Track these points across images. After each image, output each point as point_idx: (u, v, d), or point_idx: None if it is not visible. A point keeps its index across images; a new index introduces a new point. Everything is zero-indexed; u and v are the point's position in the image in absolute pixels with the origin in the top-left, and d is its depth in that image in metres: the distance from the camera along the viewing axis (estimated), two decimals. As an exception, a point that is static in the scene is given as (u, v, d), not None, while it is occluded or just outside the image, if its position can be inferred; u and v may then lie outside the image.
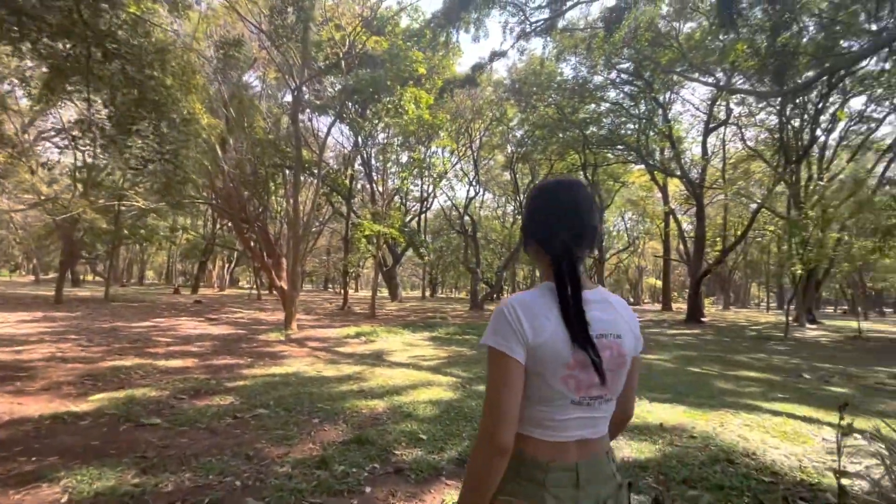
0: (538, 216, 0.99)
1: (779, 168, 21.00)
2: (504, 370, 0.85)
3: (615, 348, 0.91)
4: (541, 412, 0.89)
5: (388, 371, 6.21)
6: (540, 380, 0.87)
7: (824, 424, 4.25)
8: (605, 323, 0.92)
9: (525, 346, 0.86)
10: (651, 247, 50.24)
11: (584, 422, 0.91)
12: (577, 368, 0.86)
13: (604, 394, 0.91)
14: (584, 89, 22.91)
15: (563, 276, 0.90)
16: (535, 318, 0.87)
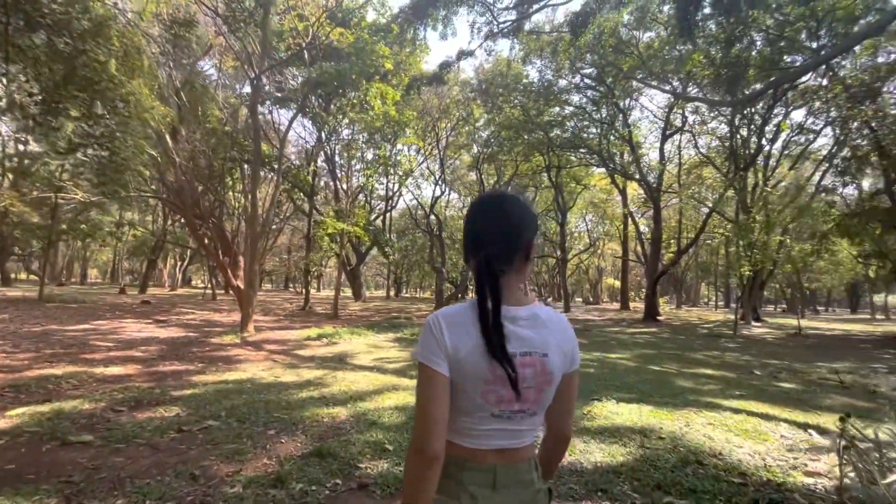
0: (468, 230, 1.00)
1: (729, 174, 22.15)
2: (430, 383, 0.88)
3: (538, 366, 0.92)
4: (464, 422, 0.93)
5: (352, 375, 5.94)
6: (462, 392, 0.90)
7: (781, 421, 4.39)
8: (530, 340, 0.92)
9: (448, 359, 0.89)
10: (610, 248, 52.00)
11: (506, 433, 0.94)
12: (496, 383, 0.89)
13: (526, 408, 0.93)
14: (549, 92, 23.28)
15: (483, 291, 0.90)
16: (457, 333, 0.90)
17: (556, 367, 0.94)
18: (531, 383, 0.91)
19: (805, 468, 3.08)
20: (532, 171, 31.66)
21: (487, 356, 0.87)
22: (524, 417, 0.94)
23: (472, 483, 0.92)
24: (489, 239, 0.95)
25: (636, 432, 3.76)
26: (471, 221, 1.00)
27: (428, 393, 0.88)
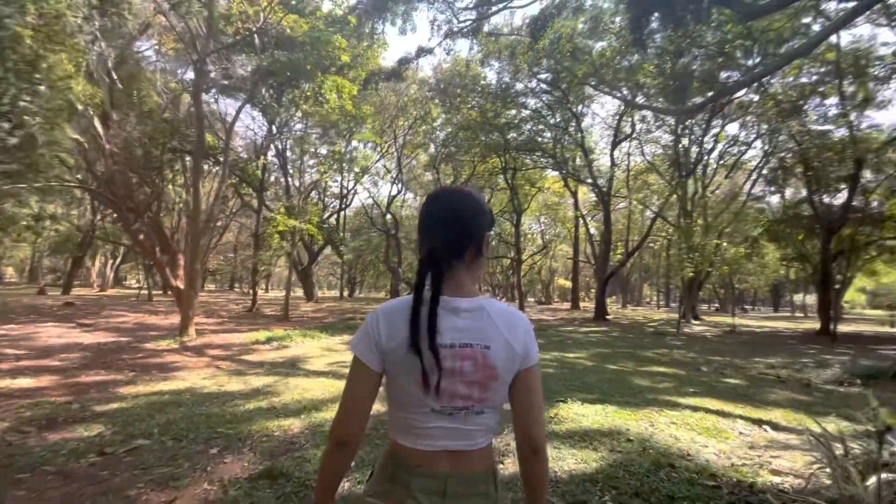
0: (420, 223, 0.98)
1: (672, 181, 23.44)
2: (355, 373, 0.90)
3: (479, 358, 0.88)
4: (405, 418, 0.91)
5: (305, 381, 5.54)
6: (397, 384, 0.90)
7: (736, 418, 4.51)
8: (470, 332, 0.89)
9: (379, 352, 0.89)
10: (561, 249, 53.62)
11: (451, 432, 0.90)
12: (428, 377, 0.86)
13: (469, 405, 0.89)
14: (507, 95, 23.54)
15: (422, 281, 0.88)
16: (392, 324, 0.89)
17: (500, 360, 0.89)
18: (472, 377, 0.88)
19: (769, 466, 3.12)
20: (488, 172, 32.00)
21: (413, 346, 0.85)
22: (469, 415, 0.90)
23: (420, 490, 0.88)
24: (439, 231, 0.94)
25: (604, 435, 3.69)
26: (423, 214, 0.98)
27: (351, 381, 0.90)
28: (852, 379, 7.19)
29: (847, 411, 4.90)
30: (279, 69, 14.43)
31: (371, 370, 0.89)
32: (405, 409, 0.91)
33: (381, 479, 0.92)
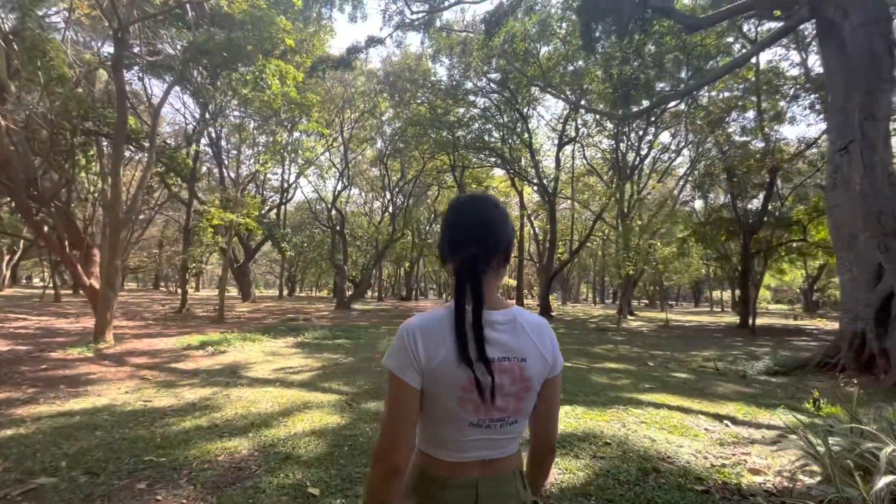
0: (446, 232, 0.96)
1: (612, 184, 24.61)
2: (398, 394, 0.86)
3: (517, 371, 0.88)
4: (441, 433, 0.89)
5: (250, 392, 4.96)
6: (436, 402, 0.87)
7: (697, 413, 4.60)
8: (508, 345, 0.89)
9: (420, 370, 0.86)
10: (506, 248, 54.73)
11: (486, 443, 0.90)
12: (473, 391, 0.85)
13: (506, 416, 0.90)
14: (457, 92, 23.46)
15: (463, 293, 0.87)
16: (431, 340, 0.86)
17: (535, 372, 0.91)
18: (509, 390, 0.88)
19: (746, 465, 3.13)
20: (437, 169, 31.84)
21: (460, 359, 0.84)
22: (504, 426, 0.90)
23: (461, 492, 0.88)
24: (469, 239, 0.92)
25: (581, 439, 3.56)
26: (449, 222, 0.96)
27: (395, 403, 0.86)
28: (781, 369, 7.76)
29: (793, 402, 5.20)
30: (214, 48, 13.22)
31: (415, 389, 0.86)
32: (442, 424, 0.89)
33: (410, 495, 0.91)
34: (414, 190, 32.01)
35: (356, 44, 16.80)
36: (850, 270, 7.66)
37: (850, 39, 8.28)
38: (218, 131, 23.34)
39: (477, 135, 25.62)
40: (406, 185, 31.44)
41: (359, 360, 7.39)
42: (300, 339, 10.11)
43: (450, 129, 25.48)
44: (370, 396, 4.84)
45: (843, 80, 8.35)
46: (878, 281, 7.11)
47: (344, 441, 3.41)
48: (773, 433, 4.01)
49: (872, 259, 7.26)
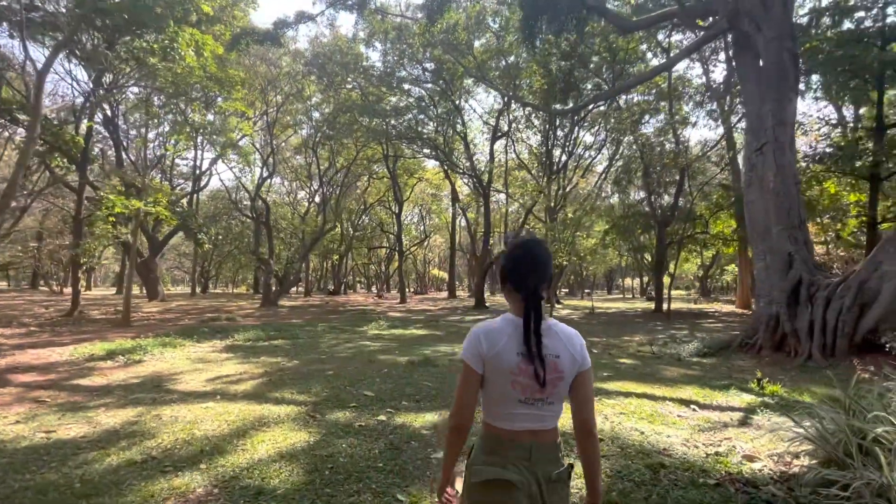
0: (513, 264, 1.29)
1: (542, 179, 25.55)
2: (467, 374, 1.23)
3: (552, 364, 1.20)
4: (499, 409, 1.24)
5: (186, 410, 4.20)
6: (494, 384, 1.22)
7: (663, 400, 4.73)
8: (547, 346, 1.21)
9: (482, 360, 1.21)
10: (435, 240, 54.99)
11: (531, 417, 1.22)
12: (520, 376, 1.19)
13: (545, 397, 1.22)
14: (391, 79, 22.74)
15: (530, 311, 1.21)
16: (492, 339, 1.22)
17: (565, 366, 1.22)
18: (548, 378, 1.19)
19: (737, 451, 3.19)
20: (367, 159, 30.79)
21: (514, 356, 1.19)
22: (544, 405, 1.22)
23: (513, 457, 1.21)
24: (535, 274, 1.26)
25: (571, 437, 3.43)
26: (516, 258, 1.30)
27: (465, 382, 1.23)
28: (709, 351, 8.46)
29: (738, 383, 5.59)
30: (113, 8, 11.41)
31: (478, 374, 1.22)
32: (498, 402, 1.23)
33: (482, 453, 1.25)
34: (345, 180, 30.64)
35: (284, 18, 15.43)
36: (764, 260, 8.52)
37: (762, 52, 9.15)
38: (115, 107, 20.34)
39: (410, 125, 25.13)
40: (336, 175, 30.01)
41: (305, 363, 6.74)
42: (230, 342, 9.08)
43: (383, 118, 24.71)
44: (334, 405, 4.34)
45: (756, 89, 9.21)
46: (789, 269, 7.98)
47: (322, 464, 2.93)
48: (737, 415, 4.22)
49: (784, 249, 8.13)
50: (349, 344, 9.07)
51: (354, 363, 6.74)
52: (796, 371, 6.70)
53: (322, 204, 28.36)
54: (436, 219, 46.53)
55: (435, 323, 14.83)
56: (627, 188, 26.68)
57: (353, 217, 38.21)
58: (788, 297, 7.81)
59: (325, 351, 8.14)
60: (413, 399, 4.62)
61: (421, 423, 3.84)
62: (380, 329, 12.29)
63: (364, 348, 8.47)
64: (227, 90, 13.54)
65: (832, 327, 7.11)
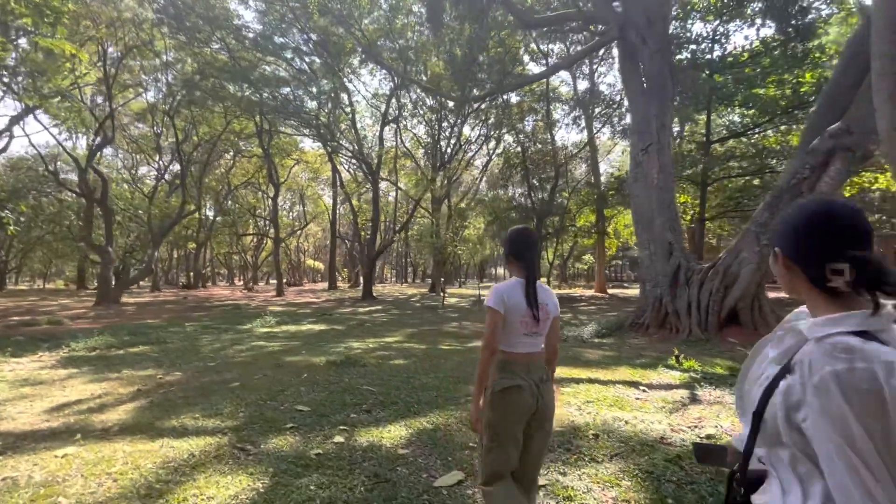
0: (516, 245, 1.89)
1: (428, 171, 25.58)
2: (494, 317, 1.76)
3: (545, 310, 1.81)
4: (510, 339, 1.79)
5: (29, 465, 2.79)
6: (509, 324, 1.77)
7: (613, 384, 4.80)
8: (541, 297, 1.82)
9: (504, 307, 1.75)
10: (309, 228, 51.48)
11: (530, 344, 1.81)
12: (526, 317, 1.77)
13: (537, 331, 1.81)
14: (268, 43, 20.11)
15: (531, 276, 1.82)
16: (509, 293, 1.78)
17: (550, 311, 1.85)
18: (541, 318, 1.79)
19: (722, 431, 3.25)
20: (235, 133, 27.05)
21: (523, 305, 1.77)
22: (537, 336, 1.82)
23: (519, 370, 1.78)
24: (531, 250, 1.90)
25: (576, 437, 3.16)
26: (518, 240, 1.89)
27: (493, 321, 1.76)
28: (607, 331, 9.21)
29: (660, 361, 6.02)
30: None
31: (501, 314, 1.75)
32: (510, 335, 1.79)
33: (499, 372, 1.79)
34: (209, 158, 26.49)
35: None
36: (648, 248, 9.55)
37: (646, 62, 10.19)
38: None
39: (289, 99, 22.69)
40: (196, 150, 25.71)
41: (193, 374, 5.34)
42: (65, 354, 6.85)
43: (256, 88, 21.85)
44: (264, 429, 3.36)
45: (641, 95, 10.24)
46: (669, 256, 9.07)
47: None
48: (683, 392, 4.45)
49: (665, 239, 9.21)
50: (239, 346, 7.61)
51: (259, 369, 5.57)
52: (683, 345, 7.60)
53: (182, 182, 23.95)
54: (311, 205, 43.45)
55: (328, 317, 13.61)
56: (508, 183, 28.37)
57: (215, 200, 33.43)
58: (670, 281, 8.87)
59: (211, 356, 6.65)
60: (361, 409, 3.87)
61: (391, 439, 3.16)
62: (268, 326, 10.73)
63: (261, 350, 7.17)
64: (46, 22, 10.20)
65: (705, 306, 8.28)
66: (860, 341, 0.73)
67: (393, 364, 5.84)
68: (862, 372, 0.69)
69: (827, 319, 0.80)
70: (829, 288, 0.81)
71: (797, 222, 0.86)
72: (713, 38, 17.41)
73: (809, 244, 0.84)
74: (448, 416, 3.66)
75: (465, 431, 3.30)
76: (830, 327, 0.78)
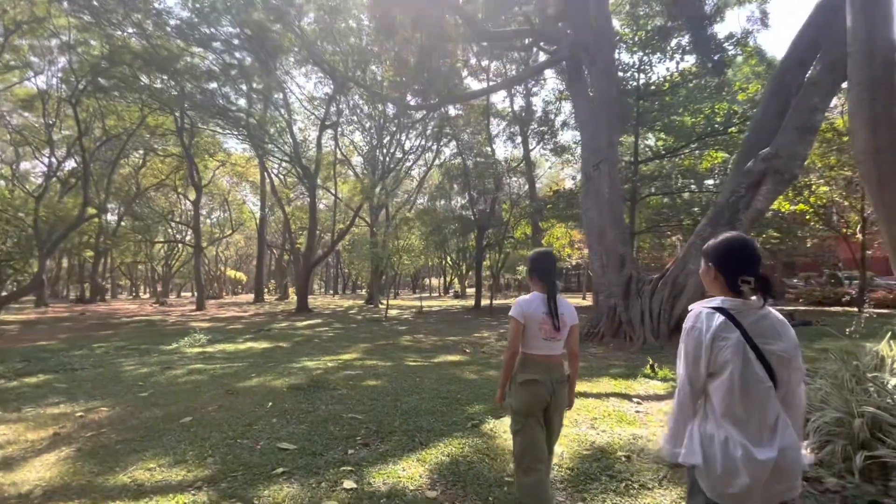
0: (539, 266, 2.24)
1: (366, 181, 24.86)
2: (516, 326, 2.13)
3: (563, 318, 2.13)
4: (531, 342, 2.13)
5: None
6: (530, 330, 2.12)
7: (601, 397, 4.73)
8: (561, 309, 2.14)
9: (524, 316, 2.11)
10: (234, 237, 47.70)
11: (550, 346, 2.13)
12: (545, 324, 2.10)
13: (556, 336, 2.13)
14: (193, 32, 18.35)
15: (552, 291, 2.17)
16: (530, 306, 2.13)
17: (568, 320, 2.15)
18: (560, 325, 2.11)
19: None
20: (149, 130, 24.27)
21: (542, 313, 2.12)
22: (556, 341, 2.14)
23: (540, 369, 2.12)
24: (551, 270, 2.23)
25: (608, 458, 2.95)
26: (542, 260, 2.24)
27: (515, 330, 2.13)
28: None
29: (634, 370, 6.10)
30: None
31: (521, 323, 2.12)
32: (531, 339, 2.13)
33: (521, 368, 2.16)
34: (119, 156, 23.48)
35: None
36: (601, 259, 9.89)
37: (595, 82, 10.69)
38: None
39: (214, 95, 20.82)
40: (101, 146, 22.63)
41: (126, 408, 4.40)
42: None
43: (177, 81, 19.85)
44: (249, 477, 2.74)
45: (590, 115, 10.66)
46: (622, 267, 9.46)
47: None
48: (675, 403, 4.48)
49: (618, 251, 9.60)
50: (173, 371, 6.53)
51: (210, 398, 4.76)
52: (640, 353, 7.89)
53: (75, 182, 20.82)
54: (235, 211, 40.26)
55: (267, 332, 12.43)
56: (450, 193, 28.47)
57: (122, 202, 29.67)
58: (623, 291, 9.24)
59: (140, 384, 5.60)
60: (356, 443, 3.37)
61: (411, 479, 2.73)
62: (199, 345, 9.48)
63: (202, 374, 6.21)
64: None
65: (657, 315, 8.70)
66: (707, 311, 1.36)
67: (366, 385, 5.31)
68: (695, 327, 1.35)
69: (705, 300, 1.42)
70: (738, 289, 1.37)
71: (724, 249, 1.43)
72: (639, 67, 18.96)
73: (729, 264, 1.40)
74: (461, 444, 3.30)
75: (490, 462, 2.96)
76: (702, 304, 1.41)
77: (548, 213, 23.48)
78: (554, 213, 23.09)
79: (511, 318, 2.13)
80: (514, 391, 2.15)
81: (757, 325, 1.31)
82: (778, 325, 1.33)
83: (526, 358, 2.14)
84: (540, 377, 2.08)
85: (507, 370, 2.17)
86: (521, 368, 2.14)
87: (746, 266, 1.35)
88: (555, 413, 2.16)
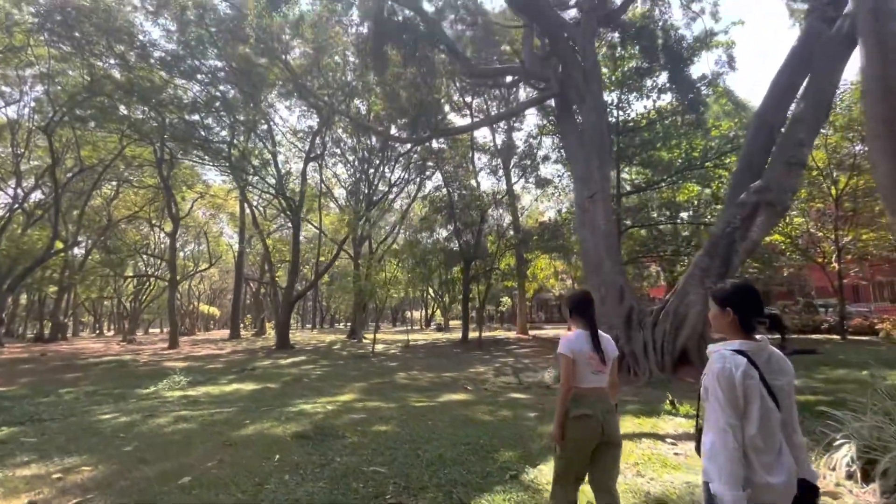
0: (580, 305, 2.40)
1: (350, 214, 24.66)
2: (567, 363, 2.24)
3: (606, 352, 2.29)
4: (581, 377, 2.24)
5: None
6: (579, 364, 2.24)
7: (632, 438, 4.49)
8: (604, 344, 2.31)
9: (573, 353, 2.24)
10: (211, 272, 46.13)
11: (597, 379, 2.27)
12: (592, 359, 2.25)
13: (602, 370, 2.28)
14: (180, 64, 18.21)
15: (594, 328, 2.32)
16: (577, 343, 2.27)
17: (610, 354, 2.31)
18: (605, 359, 2.28)
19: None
20: (128, 162, 23.61)
21: (590, 349, 2.26)
22: (602, 374, 2.28)
23: (592, 402, 2.23)
24: (591, 308, 2.38)
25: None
26: (579, 301, 2.42)
27: (566, 366, 2.24)
28: (567, 376, 9.08)
29: (655, 407, 5.89)
30: None
31: (571, 359, 2.24)
32: (581, 374, 2.25)
33: (574, 403, 2.23)
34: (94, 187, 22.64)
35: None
36: (599, 291, 9.82)
37: (585, 117, 10.97)
38: None
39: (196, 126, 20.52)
40: (73, 177, 21.78)
41: (113, 468, 3.88)
42: None
43: (158, 112, 19.55)
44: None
45: (581, 150, 10.85)
46: (622, 299, 9.40)
47: None
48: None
49: (617, 282, 9.57)
50: (158, 419, 5.94)
51: (206, 452, 4.28)
52: (650, 387, 7.72)
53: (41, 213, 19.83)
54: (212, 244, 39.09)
55: (251, 372, 11.72)
56: (434, 225, 28.44)
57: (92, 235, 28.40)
58: (624, 324, 9.14)
59: (121, 437, 5.03)
60: (386, 502, 3.01)
61: (464, 546, 2.40)
62: (179, 388, 8.80)
63: (189, 422, 5.66)
64: None
65: (660, 347, 8.60)
66: (731, 354, 1.51)
67: (377, 431, 4.92)
68: (725, 367, 1.47)
69: (724, 343, 1.59)
70: (752, 329, 1.57)
71: (740, 294, 1.62)
72: (617, 104, 19.76)
73: (746, 306, 1.58)
74: (506, 499, 2.98)
75: (545, 522, 2.66)
76: (722, 346, 1.56)
77: (533, 244, 23.66)
78: (539, 245, 23.28)
79: (562, 356, 2.25)
80: (567, 426, 2.22)
81: (768, 364, 1.52)
82: (780, 361, 1.55)
83: (576, 393, 2.24)
84: (591, 411, 2.20)
85: (563, 406, 2.24)
86: (573, 403, 2.23)
87: (759, 307, 1.58)
88: (607, 450, 2.24)
